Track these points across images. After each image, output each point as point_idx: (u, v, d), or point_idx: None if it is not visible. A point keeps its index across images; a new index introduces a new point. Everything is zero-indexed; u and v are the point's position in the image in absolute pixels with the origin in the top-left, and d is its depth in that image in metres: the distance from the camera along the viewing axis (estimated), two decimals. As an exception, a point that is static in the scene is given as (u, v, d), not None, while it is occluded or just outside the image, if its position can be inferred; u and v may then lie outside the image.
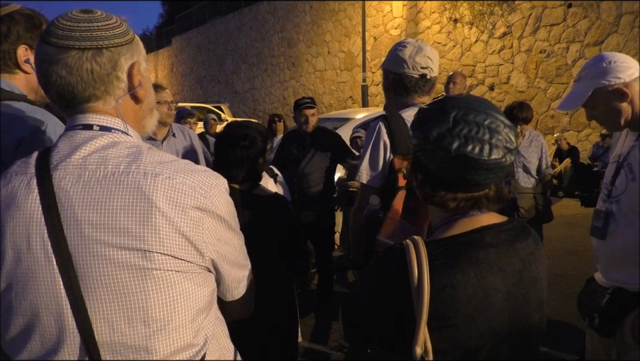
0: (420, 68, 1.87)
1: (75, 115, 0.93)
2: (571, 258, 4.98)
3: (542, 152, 3.93)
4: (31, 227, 0.85)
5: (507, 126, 0.99)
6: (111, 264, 0.84)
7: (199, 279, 0.92)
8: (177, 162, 0.92)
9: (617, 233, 1.70)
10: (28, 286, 0.85)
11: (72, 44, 0.88)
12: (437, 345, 0.93)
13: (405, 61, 1.87)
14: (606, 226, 1.74)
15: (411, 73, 1.88)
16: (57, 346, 0.86)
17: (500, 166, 0.96)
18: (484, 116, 0.98)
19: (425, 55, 1.87)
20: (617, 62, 1.68)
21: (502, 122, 0.99)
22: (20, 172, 0.90)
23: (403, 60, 1.88)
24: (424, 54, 1.87)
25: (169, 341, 0.89)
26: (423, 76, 1.88)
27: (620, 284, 1.71)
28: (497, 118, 0.99)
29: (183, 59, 27.57)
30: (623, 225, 1.68)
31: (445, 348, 0.94)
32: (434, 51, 1.93)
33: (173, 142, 3.37)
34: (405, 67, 1.88)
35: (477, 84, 10.96)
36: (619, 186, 1.72)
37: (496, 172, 0.98)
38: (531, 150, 3.81)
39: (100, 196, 0.85)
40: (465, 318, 0.94)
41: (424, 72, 1.88)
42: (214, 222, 0.92)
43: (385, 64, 2.01)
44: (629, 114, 1.68)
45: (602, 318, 1.75)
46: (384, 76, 2.02)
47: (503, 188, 1.05)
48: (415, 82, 1.89)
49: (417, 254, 0.94)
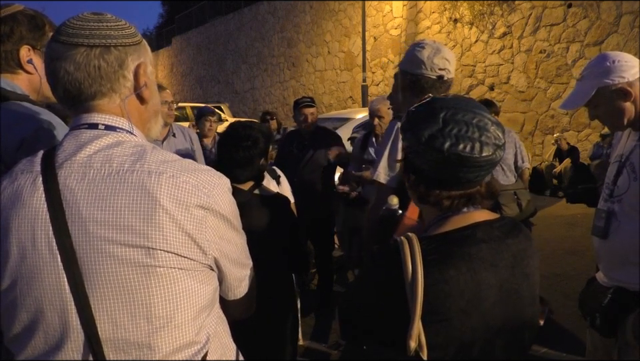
0: (438, 70, 1.88)
1: (81, 114, 0.94)
2: (571, 258, 4.98)
3: (516, 147, 3.93)
4: (36, 224, 0.86)
5: (494, 124, 1.01)
6: (115, 261, 0.85)
7: (202, 277, 0.93)
8: (180, 162, 0.93)
9: (618, 232, 1.71)
10: (32, 283, 0.86)
11: (81, 42, 0.90)
12: (431, 339, 0.94)
13: (423, 62, 1.88)
14: (608, 225, 1.74)
15: (429, 74, 1.89)
16: (60, 343, 0.87)
17: (491, 162, 0.99)
18: (472, 115, 1.00)
19: (443, 57, 1.89)
20: (621, 61, 1.67)
21: (489, 120, 1.01)
22: (25, 170, 0.91)
23: (421, 61, 1.89)
24: (442, 55, 1.89)
25: (171, 338, 0.89)
26: (440, 78, 1.89)
27: (621, 283, 1.72)
28: (484, 116, 1.01)
29: (183, 59, 27.57)
30: (624, 224, 1.68)
31: (439, 343, 0.95)
32: (451, 53, 1.94)
33: (173, 142, 3.39)
34: (423, 68, 1.89)
35: (476, 84, 10.97)
36: (621, 185, 1.71)
37: (487, 168, 1.01)
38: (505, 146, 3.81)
39: (105, 193, 0.86)
40: (458, 312, 0.95)
41: (441, 73, 1.89)
42: (217, 221, 0.93)
43: (402, 64, 2.01)
44: (632, 114, 1.68)
45: (603, 318, 1.75)
46: (401, 76, 2.02)
47: (494, 183, 1.07)
48: (432, 84, 1.90)
49: (411, 250, 0.96)
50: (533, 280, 1.06)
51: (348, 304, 1.14)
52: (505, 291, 1.00)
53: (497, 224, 1.05)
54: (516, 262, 1.02)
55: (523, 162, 3.97)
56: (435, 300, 0.94)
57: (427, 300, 0.93)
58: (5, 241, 0.87)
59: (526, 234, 1.08)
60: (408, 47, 2.06)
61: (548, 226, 4.25)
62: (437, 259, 0.96)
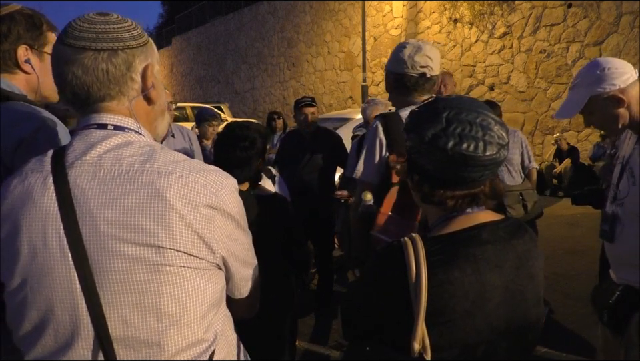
0: (419, 67, 1.92)
1: (89, 114, 0.95)
2: (571, 258, 4.97)
3: (522, 146, 3.89)
4: (47, 223, 0.87)
5: (498, 123, 1.01)
6: (125, 260, 0.86)
7: (210, 276, 0.94)
8: (189, 162, 0.94)
9: (622, 236, 1.72)
10: (43, 281, 0.87)
11: (88, 45, 0.90)
12: (435, 341, 0.94)
13: (404, 61, 1.93)
14: (613, 229, 1.75)
15: (410, 72, 1.93)
16: (70, 341, 0.88)
17: (495, 161, 0.99)
18: (475, 114, 1.00)
19: (424, 54, 1.92)
20: (611, 68, 1.68)
21: (492, 119, 1.01)
22: (36, 169, 0.92)
23: (402, 61, 1.93)
24: (423, 53, 1.92)
25: (180, 336, 0.90)
26: (423, 75, 1.93)
27: (629, 282, 1.73)
28: (487, 115, 1.01)
29: (183, 59, 27.58)
30: (627, 228, 1.69)
31: (443, 344, 0.95)
32: (434, 50, 1.97)
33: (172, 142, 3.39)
34: (405, 67, 1.93)
35: (476, 84, 10.97)
36: (622, 189, 1.73)
37: (491, 168, 1.00)
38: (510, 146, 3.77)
39: (115, 193, 0.86)
40: (462, 313, 0.95)
41: (423, 70, 1.92)
42: (224, 220, 0.94)
43: (387, 64, 2.06)
44: (627, 119, 1.69)
45: (610, 315, 1.77)
46: (386, 76, 2.07)
47: (498, 184, 1.07)
48: (415, 81, 1.93)
49: (415, 251, 0.95)
50: (538, 281, 1.05)
51: (350, 304, 1.14)
52: (509, 292, 0.99)
53: (502, 225, 1.05)
54: (521, 263, 1.02)
55: (530, 162, 3.91)
56: (439, 301, 0.93)
57: (430, 301, 0.92)
58: (15, 240, 0.88)
59: (531, 235, 1.08)
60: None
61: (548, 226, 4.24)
62: (441, 260, 0.96)
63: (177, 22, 29.09)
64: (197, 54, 25.70)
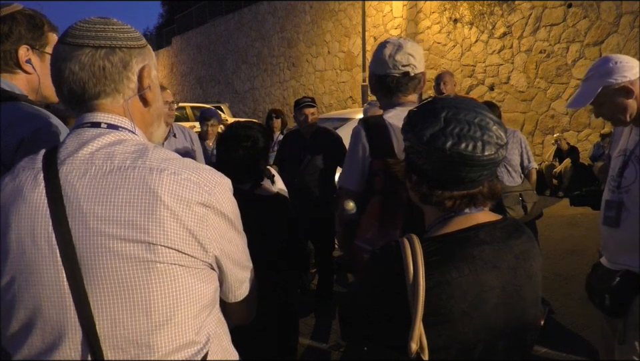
0: (401, 67, 1.82)
1: (84, 114, 0.95)
2: (571, 258, 4.97)
3: (522, 147, 3.87)
4: (36, 220, 0.86)
5: (496, 123, 1.01)
6: (114, 256, 0.84)
7: (202, 275, 0.92)
8: (182, 160, 0.93)
9: (628, 221, 1.83)
10: (31, 279, 0.86)
11: (86, 43, 0.91)
12: (433, 341, 0.94)
13: (385, 61, 1.83)
14: (619, 214, 1.86)
15: (393, 73, 1.82)
16: (58, 341, 0.86)
17: (493, 162, 0.99)
18: (473, 115, 1.00)
19: (405, 53, 1.82)
20: (622, 62, 1.83)
21: (491, 119, 1.01)
22: (27, 167, 0.92)
23: (383, 61, 1.84)
24: (404, 51, 1.82)
25: (171, 337, 0.88)
26: (406, 74, 1.83)
27: (629, 267, 1.82)
28: (485, 115, 1.01)
29: (183, 59, 27.57)
30: (633, 214, 1.81)
31: (441, 344, 0.95)
32: (416, 47, 1.87)
33: (174, 142, 3.40)
34: (386, 67, 1.83)
35: (476, 84, 10.96)
36: (628, 176, 1.84)
37: (490, 168, 1.00)
38: (510, 147, 3.77)
39: (106, 189, 0.86)
40: (460, 314, 0.95)
41: (406, 70, 1.82)
42: (218, 219, 0.93)
43: (370, 65, 1.97)
44: (634, 110, 1.82)
45: (613, 298, 1.86)
46: (369, 78, 1.98)
47: (496, 184, 1.07)
48: (397, 81, 1.83)
49: (413, 251, 0.95)
50: (536, 281, 1.05)
51: (348, 305, 1.14)
52: (507, 292, 0.99)
53: (499, 225, 1.05)
54: (518, 263, 1.02)
55: (530, 163, 3.89)
56: (437, 302, 0.93)
57: (428, 301, 0.92)
58: (5, 237, 0.87)
59: (529, 235, 1.08)
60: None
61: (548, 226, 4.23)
62: (439, 260, 0.96)
63: (177, 22, 29.09)
64: (197, 54, 25.69)
